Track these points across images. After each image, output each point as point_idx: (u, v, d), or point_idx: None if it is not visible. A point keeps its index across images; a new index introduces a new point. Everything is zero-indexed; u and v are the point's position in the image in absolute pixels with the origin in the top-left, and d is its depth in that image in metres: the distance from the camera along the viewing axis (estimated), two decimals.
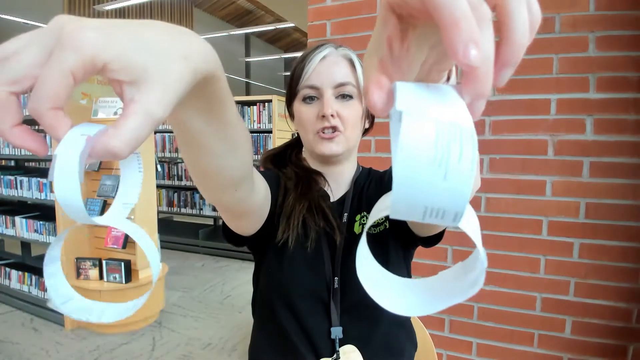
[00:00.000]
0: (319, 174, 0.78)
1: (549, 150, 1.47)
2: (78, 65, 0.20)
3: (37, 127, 3.97)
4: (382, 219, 0.73)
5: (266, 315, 0.75)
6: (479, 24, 0.18)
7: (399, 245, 0.74)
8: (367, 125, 0.80)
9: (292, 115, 0.78)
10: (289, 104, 0.77)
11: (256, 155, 4.30)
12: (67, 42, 0.20)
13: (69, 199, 0.22)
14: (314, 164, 0.80)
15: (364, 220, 0.75)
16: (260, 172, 0.80)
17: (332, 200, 0.78)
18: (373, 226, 0.74)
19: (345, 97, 0.71)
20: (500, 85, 0.20)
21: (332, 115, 0.69)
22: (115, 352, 2.43)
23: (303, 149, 0.83)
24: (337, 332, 0.70)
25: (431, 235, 0.70)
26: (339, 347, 0.70)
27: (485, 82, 0.19)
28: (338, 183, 0.80)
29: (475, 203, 1.57)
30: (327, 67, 0.71)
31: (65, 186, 0.22)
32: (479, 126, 1.55)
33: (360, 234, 0.71)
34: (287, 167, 0.80)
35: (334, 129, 0.71)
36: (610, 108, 1.39)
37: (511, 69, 0.20)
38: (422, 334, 0.97)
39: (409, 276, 0.79)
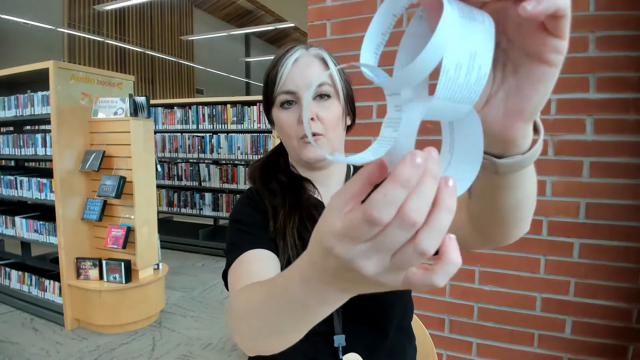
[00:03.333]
0: (307, 180, 0.77)
1: (549, 150, 1.47)
2: None
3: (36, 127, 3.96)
4: None
5: None
6: None
7: None
8: (348, 122, 0.79)
9: (272, 122, 0.78)
10: (268, 111, 0.77)
11: (256, 156, 4.30)
12: None
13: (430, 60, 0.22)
14: (301, 171, 0.79)
15: None
16: (248, 194, 0.78)
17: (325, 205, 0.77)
18: None
19: (323, 97, 0.71)
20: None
21: (311, 119, 0.69)
22: (115, 352, 2.43)
23: (289, 156, 0.82)
24: (339, 339, 0.69)
25: None
26: (342, 355, 0.69)
27: None
28: (328, 187, 0.78)
29: None
30: (301, 70, 0.70)
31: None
32: None
33: None
34: (273, 178, 0.78)
35: (314, 134, 0.70)
36: (610, 108, 1.39)
37: None
38: (422, 334, 0.97)
39: None
